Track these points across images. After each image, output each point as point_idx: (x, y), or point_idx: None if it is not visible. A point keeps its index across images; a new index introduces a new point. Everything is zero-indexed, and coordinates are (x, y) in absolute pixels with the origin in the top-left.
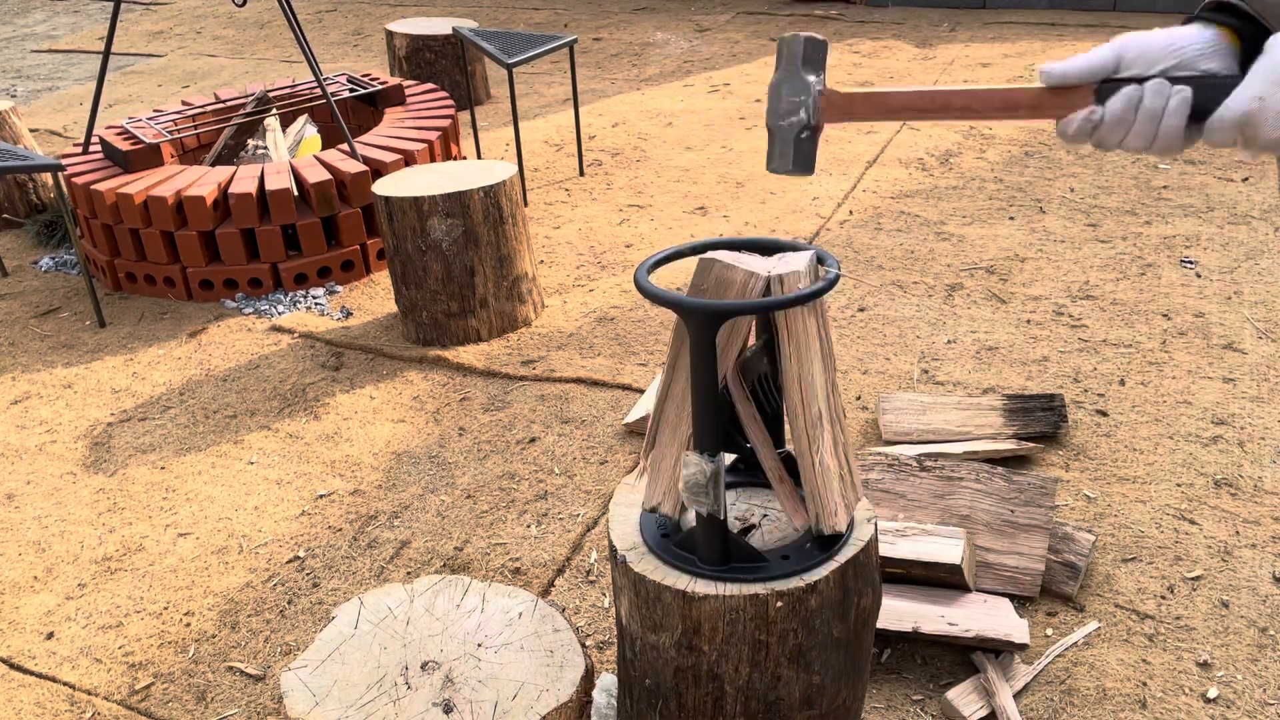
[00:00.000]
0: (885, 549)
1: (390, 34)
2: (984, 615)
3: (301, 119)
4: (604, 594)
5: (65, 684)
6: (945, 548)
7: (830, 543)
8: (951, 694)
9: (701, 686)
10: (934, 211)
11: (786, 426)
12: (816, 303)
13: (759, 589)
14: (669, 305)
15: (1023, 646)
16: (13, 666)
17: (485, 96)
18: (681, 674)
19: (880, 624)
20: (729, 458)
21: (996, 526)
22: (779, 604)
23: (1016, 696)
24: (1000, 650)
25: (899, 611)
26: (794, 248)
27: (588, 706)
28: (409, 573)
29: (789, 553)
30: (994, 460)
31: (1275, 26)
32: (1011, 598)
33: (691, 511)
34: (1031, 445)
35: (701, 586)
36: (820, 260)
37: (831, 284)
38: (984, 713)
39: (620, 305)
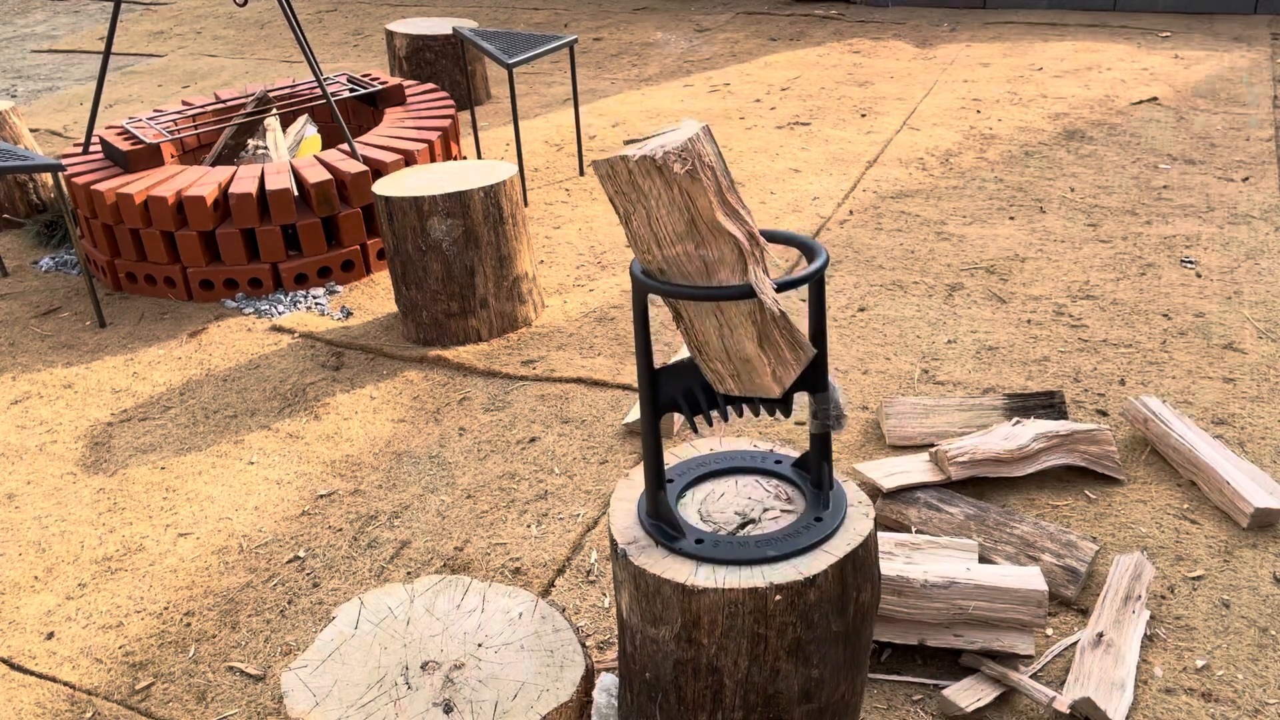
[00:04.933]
0: (901, 566)
1: (390, 34)
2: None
3: (302, 119)
4: (604, 594)
5: (65, 684)
6: (959, 562)
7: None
8: (949, 691)
9: (701, 679)
10: (934, 211)
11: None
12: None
13: (758, 582)
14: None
15: (1028, 658)
16: (13, 666)
17: (485, 96)
18: (681, 667)
19: (886, 636)
20: (728, 449)
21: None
22: (777, 597)
23: (1015, 696)
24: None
25: (904, 623)
26: (800, 243)
27: (588, 706)
28: (409, 573)
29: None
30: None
31: None
32: None
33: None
34: None
35: (701, 580)
36: (809, 249)
37: (822, 267)
38: (981, 704)
39: (620, 305)
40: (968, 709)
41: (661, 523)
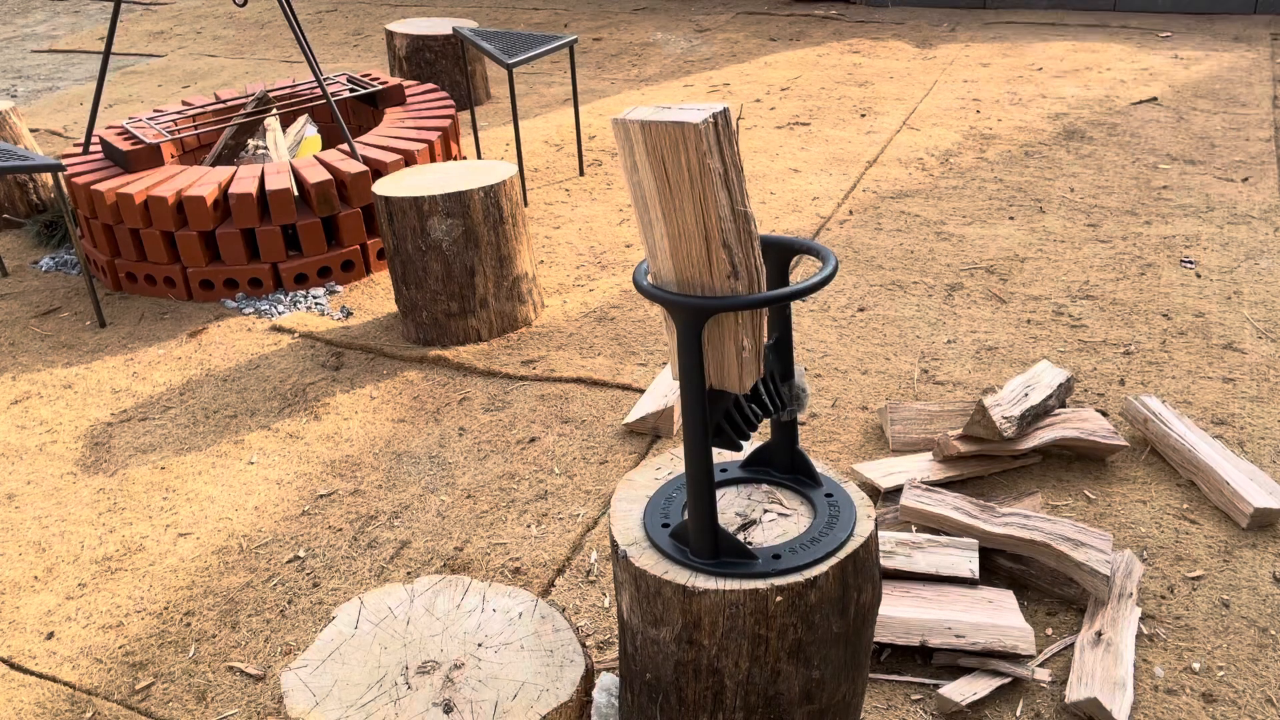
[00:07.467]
0: (901, 562)
1: (390, 34)
2: (990, 624)
3: (302, 119)
4: (604, 594)
5: (65, 684)
6: (960, 560)
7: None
8: (945, 689)
9: (702, 681)
10: (934, 211)
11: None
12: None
13: (759, 584)
14: (659, 302)
15: (1028, 658)
16: (13, 666)
17: (485, 96)
18: (682, 668)
19: (887, 638)
20: (730, 456)
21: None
22: (778, 599)
23: (1013, 695)
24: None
25: (906, 624)
26: (799, 247)
27: (588, 706)
28: (409, 573)
29: (780, 552)
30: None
31: None
32: (1015, 591)
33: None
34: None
35: (701, 581)
36: (817, 254)
37: (829, 278)
38: (977, 697)
39: (620, 305)
40: (963, 703)
41: (731, 558)
